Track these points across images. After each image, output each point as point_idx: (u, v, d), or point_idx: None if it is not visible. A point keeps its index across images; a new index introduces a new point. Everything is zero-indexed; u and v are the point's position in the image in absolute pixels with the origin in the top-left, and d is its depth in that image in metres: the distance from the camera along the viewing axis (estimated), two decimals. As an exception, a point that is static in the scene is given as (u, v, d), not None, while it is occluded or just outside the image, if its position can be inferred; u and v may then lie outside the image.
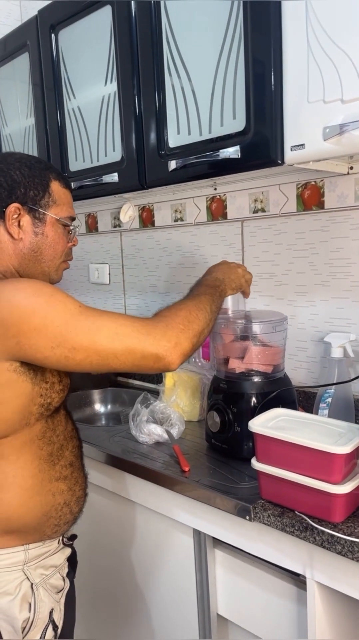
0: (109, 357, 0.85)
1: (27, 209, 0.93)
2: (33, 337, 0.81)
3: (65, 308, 0.83)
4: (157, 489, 1.15)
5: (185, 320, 0.92)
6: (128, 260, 1.92)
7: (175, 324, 0.90)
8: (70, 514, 0.97)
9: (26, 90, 1.73)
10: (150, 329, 0.87)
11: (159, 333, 0.87)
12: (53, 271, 0.99)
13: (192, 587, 1.13)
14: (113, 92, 1.41)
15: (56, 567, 0.97)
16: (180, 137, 1.27)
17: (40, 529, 0.93)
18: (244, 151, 1.12)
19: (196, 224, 1.65)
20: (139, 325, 0.87)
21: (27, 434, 0.90)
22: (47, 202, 0.95)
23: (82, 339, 0.83)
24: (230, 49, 1.12)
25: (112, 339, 0.84)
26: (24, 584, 0.91)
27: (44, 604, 0.92)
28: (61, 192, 0.97)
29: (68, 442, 0.98)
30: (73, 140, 1.58)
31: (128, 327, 0.86)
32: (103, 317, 0.86)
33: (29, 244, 0.94)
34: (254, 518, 0.94)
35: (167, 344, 0.87)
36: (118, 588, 1.34)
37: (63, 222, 0.97)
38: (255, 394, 1.17)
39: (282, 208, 1.42)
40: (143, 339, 0.86)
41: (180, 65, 1.24)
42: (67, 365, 0.84)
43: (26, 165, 0.94)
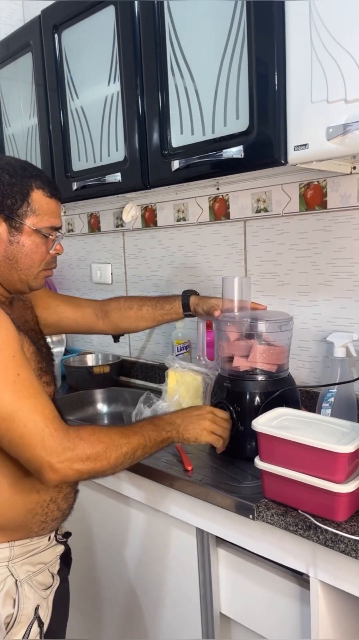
0: (4, 438, 0.83)
1: (3, 217, 0.93)
2: None
3: (3, 370, 0.82)
4: (159, 488, 1.15)
5: (93, 456, 0.87)
6: (131, 260, 1.92)
7: (82, 454, 0.86)
8: (57, 511, 0.98)
9: (29, 90, 1.73)
10: (55, 442, 0.83)
11: (58, 453, 0.84)
12: (31, 279, 0.98)
13: (195, 586, 1.13)
14: (116, 92, 1.42)
15: (45, 564, 0.98)
16: (183, 137, 1.27)
17: (26, 526, 0.94)
18: (247, 151, 1.12)
19: (199, 224, 1.66)
20: (49, 432, 0.83)
21: None
22: (25, 211, 0.94)
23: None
24: (234, 49, 1.12)
25: (17, 428, 0.82)
26: (8, 580, 0.92)
27: (28, 600, 0.93)
28: (43, 201, 0.96)
29: None
30: (76, 140, 1.58)
31: (38, 427, 0.83)
32: (28, 401, 0.83)
33: (3, 252, 0.94)
34: (257, 517, 0.94)
35: (56, 465, 0.83)
36: (121, 587, 1.34)
37: (42, 233, 0.96)
38: (259, 393, 1.17)
39: (285, 208, 1.42)
40: (41, 448, 0.83)
41: (183, 65, 1.24)
42: None
43: (8, 173, 0.93)
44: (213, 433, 1.07)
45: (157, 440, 0.98)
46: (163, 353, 1.82)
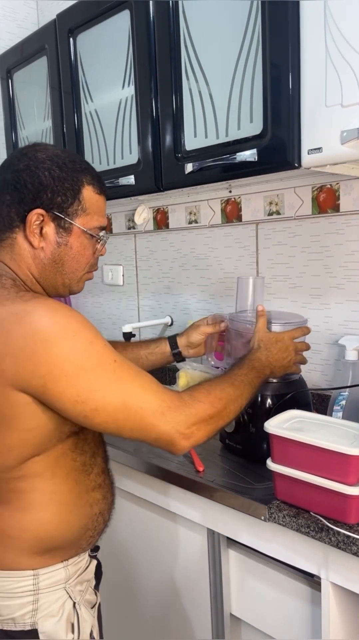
0: (125, 428, 0.81)
1: (51, 216, 0.85)
2: (60, 385, 0.76)
3: (101, 361, 0.79)
4: (171, 488, 1.16)
5: (216, 415, 0.87)
6: (142, 261, 1.93)
7: (204, 416, 0.85)
8: (103, 523, 0.94)
9: (43, 93, 1.75)
10: (175, 412, 0.82)
11: (183, 420, 0.83)
12: (74, 283, 0.92)
13: (206, 586, 1.14)
14: (131, 96, 1.43)
15: (89, 582, 0.94)
16: (196, 140, 1.28)
17: (77, 543, 0.89)
18: (261, 154, 1.12)
19: (211, 226, 1.66)
20: (166, 405, 0.82)
21: (59, 449, 0.85)
22: (76, 210, 0.86)
23: (106, 402, 0.78)
24: (248, 53, 1.13)
25: (135, 413, 0.80)
26: (66, 603, 0.86)
27: (86, 623, 0.89)
28: (93, 198, 0.89)
29: (99, 448, 0.95)
30: (90, 142, 1.60)
31: (154, 404, 0.81)
32: (134, 384, 0.81)
33: (50, 254, 0.87)
34: (269, 518, 0.95)
35: (185, 431, 0.82)
36: (131, 587, 1.35)
37: (90, 233, 0.89)
38: (271, 395, 1.17)
39: (297, 211, 1.42)
40: (165, 421, 0.81)
41: (197, 69, 1.25)
42: (83, 422, 0.81)
43: (57, 165, 0.85)
44: (296, 363, 1.13)
45: (259, 385, 1.00)
46: (174, 354, 1.83)
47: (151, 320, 1.87)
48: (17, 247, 0.87)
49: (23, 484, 0.83)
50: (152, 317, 1.92)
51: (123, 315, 2.04)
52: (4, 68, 1.93)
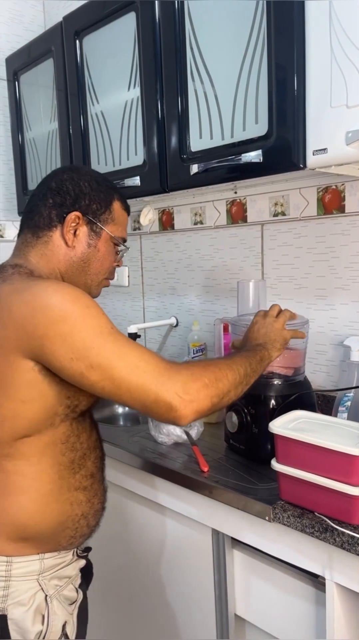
0: (122, 388, 0.82)
1: (86, 220, 0.96)
2: (56, 343, 0.80)
3: (97, 324, 0.82)
4: (175, 488, 1.16)
5: (212, 376, 0.87)
6: (147, 262, 1.94)
7: (200, 377, 0.86)
8: (86, 527, 0.95)
9: (50, 95, 1.76)
10: (172, 373, 0.84)
11: (180, 381, 0.83)
12: (94, 285, 1.00)
13: (210, 587, 1.14)
14: (136, 97, 1.44)
15: (69, 578, 0.95)
16: (202, 142, 1.28)
17: (56, 539, 0.91)
18: (266, 155, 1.13)
19: (216, 227, 1.67)
20: (163, 366, 0.84)
21: (50, 436, 0.88)
22: (107, 218, 0.98)
23: (102, 359, 0.81)
24: (253, 54, 1.13)
25: (131, 370, 0.82)
26: (38, 594, 0.89)
27: (57, 617, 0.90)
28: (120, 213, 1.01)
29: (91, 452, 0.96)
30: (96, 144, 1.61)
31: (151, 365, 0.83)
32: (129, 346, 0.84)
33: (80, 254, 0.96)
34: (274, 519, 0.95)
35: (184, 396, 0.83)
36: (136, 587, 1.35)
37: (115, 241, 1.00)
38: (274, 396, 1.17)
39: (302, 212, 1.43)
40: (162, 382, 0.82)
41: (202, 70, 1.26)
42: (80, 382, 0.83)
43: (95, 180, 0.98)
44: (286, 328, 1.09)
45: (256, 358, 0.99)
46: (179, 355, 1.83)
47: (156, 321, 1.88)
48: (51, 244, 0.95)
49: (8, 464, 0.87)
50: (157, 318, 1.92)
51: (128, 316, 2.05)
52: (10, 70, 1.94)
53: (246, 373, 0.94)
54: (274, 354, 1.05)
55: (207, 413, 0.87)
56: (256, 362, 0.99)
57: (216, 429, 1.38)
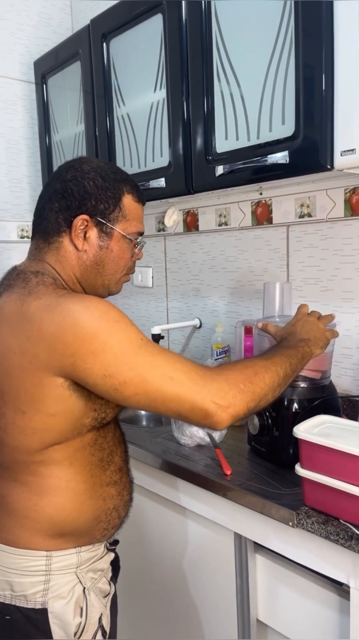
0: (157, 400, 0.82)
1: (95, 221, 0.92)
2: (88, 361, 0.79)
3: (126, 338, 0.82)
4: (198, 491, 1.16)
5: (247, 381, 0.85)
6: (172, 264, 1.94)
7: (235, 382, 0.84)
8: (118, 519, 0.98)
9: (77, 98, 1.78)
10: (207, 380, 0.83)
11: (215, 388, 0.82)
12: (113, 284, 0.98)
13: (232, 591, 1.13)
14: (162, 99, 1.44)
15: (102, 571, 0.97)
16: (227, 143, 1.28)
17: (91, 533, 0.93)
18: (293, 156, 1.12)
19: (241, 229, 1.66)
20: (196, 374, 0.83)
21: (79, 442, 0.89)
22: (117, 216, 0.93)
23: (134, 374, 0.80)
24: (281, 54, 1.12)
25: (165, 382, 0.81)
26: (76, 587, 0.91)
27: (94, 608, 0.92)
28: (132, 206, 0.95)
29: (117, 448, 0.98)
30: (122, 145, 1.62)
31: (184, 374, 0.82)
32: (161, 357, 0.83)
33: (92, 257, 0.93)
34: (297, 525, 0.93)
35: (220, 402, 0.82)
36: (158, 588, 1.36)
37: (129, 238, 0.95)
38: (297, 399, 1.16)
39: (329, 213, 1.41)
40: (197, 390, 0.81)
41: (229, 71, 1.25)
42: (114, 397, 0.83)
43: (100, 176, 0.92)
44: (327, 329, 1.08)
45: (298, 357, 0.97)
46: (203, 357, 1.83)
47: (180, 323, 1.88)
48: (62, 250, 0.93)
49: (42, 469, 0.88)
50: (180, 319, 1.92)
51: (152, 317, 2.05)
52: (39, 73, 1.97)
53: (285, 374, 0.92)
54: (316, 351, 1.03)
55: (244, 417, 0.87)
56: (297, 360, 0.96)
57: (239, 432, 1.37)
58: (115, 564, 1.04)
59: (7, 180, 2.14)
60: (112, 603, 1.00)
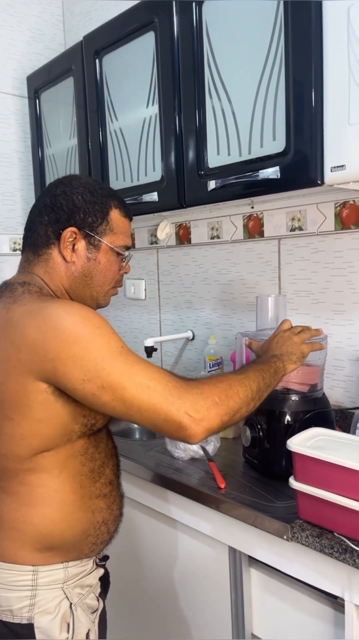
0: (133, 408, 0.82)
1: (83, 234, 0.94)
2: (68, 365, 0.81)
3: (106, 344, 0.82)
4: (191, 505, 1.15)
5: (222, 394, 0.87)
6: (164, 276, 1.95)
7: (210, 395, 0.85)
8: (107, 533, 0.97)
9: (69, 112, 1.80)
10: (182, 392, 0.83)
11: (190, 400, 0.83)
12: (101, 296, 0.99)
13: (227, 605, 1.13)
14: (154, 114, 1.46)
15: (91, 587, 0.96)
16: (219, 158, 1.29)
17: (79, 547, 0.92)
18: (284, 172, 1.13)
19: (233, 242, 1.67)
20: (173, 385, 0.84)
21: (69, 449, 0.89)
22: (104, 229, 0.95)
23: (113, 380, 0.81)
24: (271, 72, 1.14)
25: (141, 391, 0.82)
26: (63, 603, 0.90)
27: (81, 624, 0.91)
28: (120, 220, 0.98)
29: (109, 460, 0.98)
30: (114, 160, 1.63)
31: (161, 384, 0.83)
32: (140, 366, 0.84)
33: (80, 268, 0.95)
34: (292, 538, 0.93)
35: (194, 415, 0.83)
36: (150, 604, 1.34)
37: (117, 251, 0.97)
38: (289, 412, 1.16)
39: (320, 226, 1.42)
40: (172, 401, 0.82)
41: (220, 88, 1.27)
42: (92, 403, 0.83)
43: (89, 191, 0.95)
44: (307, 341, 1.08)
45: (270, 372, 0.98)
46: (196, 369, 1.83)
47: (172, 335, 1.88)
48: (51, 262, 0.95)
49: (31, 477, 0.88)
50: (173, 332, 1.92)
51: (144, 329, 2.06)
52: (32, 88, 1.99)
53: (258, 388, 0.94)
54: (289, 366, 1.04)
55: (218, 430, 0.87)
56: (269, 375, 0.98)
57: (233, 444, 1.38)
58: (105, 580, 1.03)
59: (0, 193, 2.15)
60: (100, 619, 0.99)
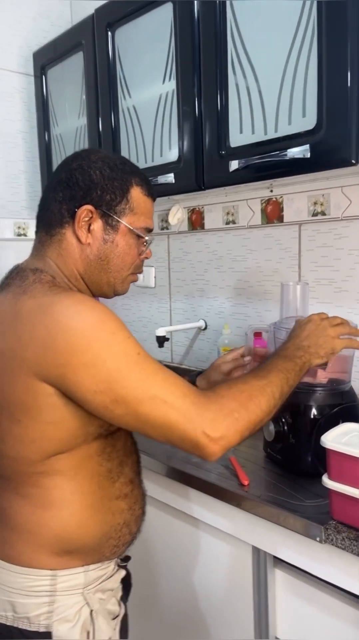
0: (147, 423, 0.76)
1: (100, 213, 0.86)
2: (79, 374, 0.74)
3: (122, 352, 0.76)
4: (212, 502, 1.10)
5: (242, 408, 0.79)
6: (175, 263, 1.88)
7: (230, 411, 0.78)
8: (129, 535, 0.92)
9: (79, 90, 1.71)
10: (201, 409, 0.77)
11: (208, 418, 0.76)
12: (119, 282, 0.92)
13: (249, 608, 1.07)
14: (172, 91, 1.38)
15: (112, 591, 0.91)
16: (242, 137, 1.22)
17: (99, 550, 0.87)
18: (314, 151, 1.06)
19: (250, 227, 1.60)
20: (191, 400, 0.77)
21: (85, 450, 0.83)
22: (124, 208, 0.88)
23: (126, 393, 0.75)
24: (302, 42, 1.07)
25: (157, 406, 0.75)
26: (83, 610, 0.84)
27: (102, 632, 0.85)
28: (141, 199, 0.90)
29: (128, 458, 0.92)
30: (127, 140, 1.55)
31: (179, 399, 0.76)
32: (157, 377, 0.77)
33: (96, 251, 0.87)
34: (326, 540, 0.88)
35: (212, 434, 0.76)
36: (170, 605, 1.29)
37: (137, 233, 0.90)
38: (315, 405, 1.10)
39: (345, 211, 1.36)
40: (190, 419, 0.76)
41: (245, 61, 1.19)
42: (103, 415, 0.77)
43: (108, 166, 0.87)
44: (343, 336, 0.97)
45: (295, 370, 0.89)
46: (208, 360, 1.77)
47: (184, 324, 1.82)
48: (65, 243, 0.88)
49: (45, 480, 0.82)
50: (184, 321, 1.86)
51: (154, 318, 1.99)
52: (38, 65, 1.90)
53: (281, 394, 0.85)
54: (315, 361, 0.93)
55: (236, 445, 0.81)
56: (295, 375, 0.89)
57: (253, 438, 1.31)
58: (126, 582, 0.98)
59: (4, 175, 2.07)
60: (122, 625, 0.93)
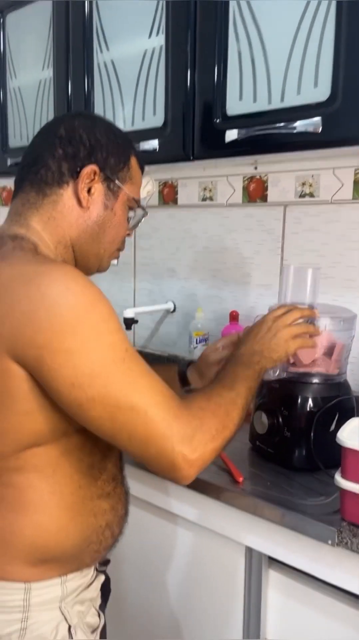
0: (122, 433, 0.69)
1: (103, 176, 0.81)
2: (57, 360, 0.66)
3: (111, 345, 0.68)
4: (205, 501, 1.02)
5: (220, 425, 0.74)
6: (143, 240, 1.76)
7: (208, 429, 0.73)
8: (111, 538, 0.83)
9: (44, 38, 1.52)
10: (182, 424, 0.70)
11: (188, 436, 0.70)
12: (106, 256, 0.86)
13: (239, 609, 1.01)
14: (159, 47, 1.25)
15: (91, 600, 0.83)
16: (241, 104, 1.12)
17: (79, 557, 0.79)
18: (327, 124, 0.99)
19: (229, 205, 1.51)
20: (174, 414, 0.70)
21: (64, 445, 0.75)
22: (125, 176, 0.83)
23: (107, 394, 0.67)
24: (318, 4, 0.98)
25: (137, 415, 0.68)
26: (61, 626, 0.76)
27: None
28: (136, 171, 0.86)
29: (110, 452, 0.83)
30: (103, 97, 1.40)
31: (162, 411, 0.69)
32: (143, 381, 0.70)
33: (95, 216, 0.81)
34: (339, 543, 0.83)
35: (190, 455, 0.70)
36: (157, 607, 1.21)
37: (131, 204, 0.85)
38: (311, 397, 1.06)
39: (335, 194, 1.30)
40: (169, 435, 0.69)
41: (249, 19, 1.09)
42: (76, 413, 0.69)
43: (112, 132, 0.83)
44: (297, 337, 0.91)
45: (255, 378, 0.84)
46: (175, 344, 1.68)
47: (150, 306, 1.71)
48: (60, 205, 0.80)
49: (19, 478, 0.74)
50: (149, 302, 1.75)
51: (115, 299, 1.85)
52: (-7, 6, 1.67)
53: (247, 405, 0.81)
54: (268, 366, 0.88)
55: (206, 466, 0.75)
56: (255, 382, 0.84)
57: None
58: (105, 588, 0.89)
59: None
60: (101, 635, 0.85)
